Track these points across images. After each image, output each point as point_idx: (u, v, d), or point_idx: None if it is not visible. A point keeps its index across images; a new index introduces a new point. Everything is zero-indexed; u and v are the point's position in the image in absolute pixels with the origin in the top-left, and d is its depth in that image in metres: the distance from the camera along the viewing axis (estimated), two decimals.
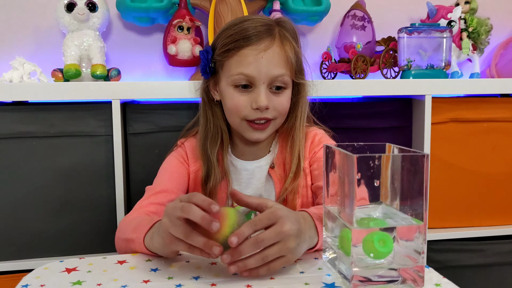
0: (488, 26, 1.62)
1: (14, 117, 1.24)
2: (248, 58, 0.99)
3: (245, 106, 1.02)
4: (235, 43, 1.00)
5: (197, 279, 0.73)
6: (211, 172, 1.08)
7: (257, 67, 0.99)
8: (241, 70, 1.00)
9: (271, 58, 1.00)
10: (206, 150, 1.09)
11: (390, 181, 0.72)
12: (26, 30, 1.55)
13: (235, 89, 1.03)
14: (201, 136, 1.11)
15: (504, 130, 1.46)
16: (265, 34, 1.00)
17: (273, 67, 1.00)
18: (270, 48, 1.00)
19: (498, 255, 1.46)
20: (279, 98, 1.03)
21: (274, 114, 1.04)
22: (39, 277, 0.74)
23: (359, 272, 0.70)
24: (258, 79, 1.00)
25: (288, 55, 1.02)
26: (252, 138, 1.06)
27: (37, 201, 1.27)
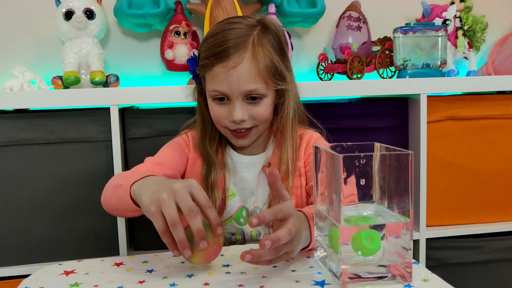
0: (483, 24, 1.62)
1: (15, 124, 1.27)
2: (219, 76, 1.02)
3: (224, 118, 1.06)
4: (208, 59, 1.02)
5: (191, 276, 0.75)
6: (211, 168, 1.12)
7: (228, 85, 1.01)
8: (214, 87, 1.03)
9: (241, 75, 1.01)
10: (206, 147, 1.12)
11: (378, 179, 0.74)
12: (26, 39, 1.57)
13: (214, 101, 1.06)
14: (199, 135, 1.15)
15: (501, 127, 1.47)
16: (236, 49, 1.00)
17: (243, 84, 1.01)
18: (240, 65, 1.00)
19: (496, 252, 1.46)
20: (256, 108, 1.05)
21: (253, 123, 1.06)
22: (38, 280, 0.76)
23: (348, 269, 0.72)
24: (231, 95, 1.03)
25: (259, 68, 1.01)
26: (237, 144, 1.11)
27: (38, 207, 1.29)
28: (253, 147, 1.15)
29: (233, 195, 1.13)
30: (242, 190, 1.13)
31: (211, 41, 1.03)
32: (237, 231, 1.14)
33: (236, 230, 1.14)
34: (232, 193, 1.14)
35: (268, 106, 1.07)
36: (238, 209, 1.13)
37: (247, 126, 1.06)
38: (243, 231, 1.13)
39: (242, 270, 0.78)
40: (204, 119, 1.14)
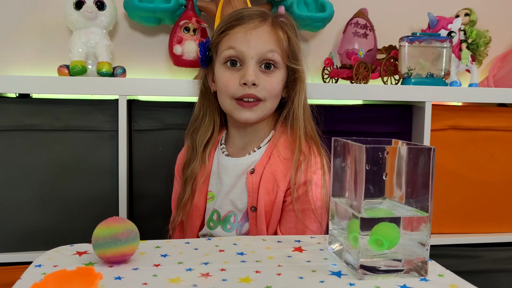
0: (487, 38, 1.65)
1: (21, 109, 1.26)
2: (237, 35, 1.04)
3: (234, 83, 1.04)
4: (229, 24, 1.05)
5: (207, 264, 0.75)
6: (192, 160, 1.11)
7: (246, 43, 1.03)
8: (230, 43, 1.04)
9: (261, 35, 1.04)
10: (195, 139, 1.12)
11: (396, 174, 0.74)
12: (33, 27, 1.56)
13: (225, 67, 1.06)
14: (193, 124, 1.15)
15: (502, 139, 1.49)
16: (257, 17, 1.05)
17: (262, 43, 1.03)
18: (260, 27, 1.04)
19: (493, 262, 1.48)
20: (268, 78, 1.05)
21: (264, 94, 1.04)
22: (51, 259, 0.75)
23: (365, 261, 0.72)
24: (246, 54, 1.03)
25: (279, 36, 1.05)
26: (242, 118, 1.06)
27: (41, 194, 1.28)
28: (249, 143, 1.11)
29: (212, 198, 1.11)
30: (219, 193, 1.10)
31: (230, 16, 1.07)
32: (207, 234, 1.11)
33: (206, 233, 1.11)
34: (212, 196, 1.11)
35: (279, 80, 1.07)
36: (211, 211, 1.11)
37: (256, 94, 1.03)
38: (212, 235, 1.10)
39: (257, 259, 0.78)
40: (201, 110, 1.14)
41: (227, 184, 1.09)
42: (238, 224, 1.07)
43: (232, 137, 1.14)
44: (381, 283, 0.69)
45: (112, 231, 0.73)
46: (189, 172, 1.10)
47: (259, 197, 1.04)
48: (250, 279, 0.69)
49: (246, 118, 1.05)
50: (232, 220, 1.08)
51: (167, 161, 1.33)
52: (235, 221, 1.08)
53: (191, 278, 0.69)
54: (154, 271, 0.72)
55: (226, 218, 1.09)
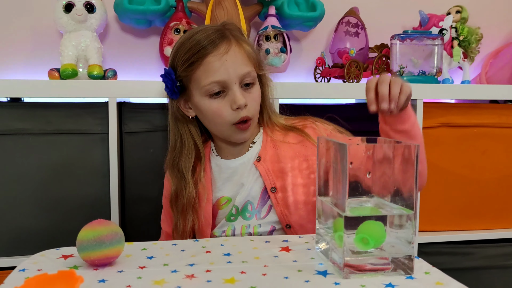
0: (478, 35, 1.65)
1: (11, 113, 1.26)
2: (214, 65, 1.01)
3: (226, 110, 1.04)
4: (196, 54, 1.02)
5: (192, 265, 0.75)
6: (183, 188, 1.09)
7: (225, 71, 1.01)
8: (211, 79, 1.02)
9: (235, 58, 1.03)
10: (180, 167, 1.10)
11: (382, 171, 0.74)
12: (23, 30, 1.56)
13: (210, 98, 1.04)
14: (174, 154, 1.12)
15: (494, 135, 1.49)
16: (220, 39, 1.03)
17: (239, 67, 1.03)
18: (231, 49, 1.03)
19: (486, 259, 1.48)
20: (251, 95, 1.06)
21: (252, 112, 1.06)
22: (36, 263, 0.75)
23: (351, 260, 0.72)
24: (229, 82, 1.02)
25: (247, 50, 1.06)
26: (240, 139, 1.09)
27: (32, 197, 1.27)
28: (241, 148, 1.13)
29: (228, 202, 1.12)
30: (236, 193, 1.11)
31: (190, 43, 1.03)
32: (228, 228, 1.11)
33: (227, 227, 1.11)
34: (228, 200, 1.12)
35: (259, 92, 1.09)
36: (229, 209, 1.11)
37: (248, 115, 1.05)
38: (234, 227, 1.11)
39: (243, 259, 0.78)
40: (181, 138, 1.12)
41: (238, 181, 1.11)
42: (256, 210, 1.09)
43: (223, 148, 1.14)
44: (366, 282, 0.69)
45: (96, 234, 0.73)
46: (184, 201, 1.09)
47: (277, 178, 1.07)
48: (235, 279, 0.69)
49: (243, 138, 1.09)
50: (249, 208, 1.09)
51: (159, 163, 1.32)
52: (252, 208, 1.09)
53: (176, 280, 0.69)
54: (138, 273, 0.72)
55: (244, 208, 1.10)
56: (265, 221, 1.08)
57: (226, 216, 1.11)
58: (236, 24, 1.12)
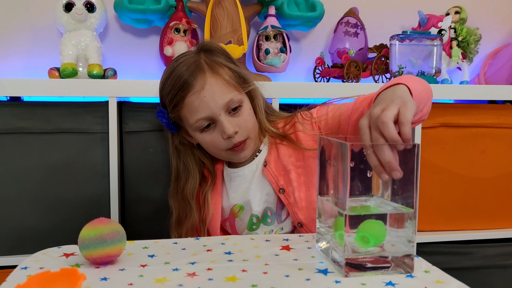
0: (477, 36, 1.66)
1: (11, 112, 1.26)
2: (194, 104, 1.03)
3: (218, 141, 1.06)
4: (177, 96, 1.04)
5: (194, 264, 0.75)
6: (188, 213, 1.13)
7: (206, 106, 1.03)
8: (196, 117, 1.04)
9: (212, 92, 1.03)
10: (185, 195, 1.13)
11: None
12: (23, 29, 1.56)
13: (202, 132, 1.07)
14: (177, 184, 1.15)
15: (492, 135, 1.49)
16: (196, 72, 1.03)
17: (219, 98, 1.03)
18: (206, 83, 1.03)
19: (485, 258, 1.48)
20: (241, 117, 1.07)
21: (246, 133, 1.07)
22: (38, 261, 0.75)
23: (351, 259, 0.72)
24: (214, 115, 1.04)
25: (224, 78, 1.05)
26: (240, 159, 1.11)
27: (31, 197, 1.27)
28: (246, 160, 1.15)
29: (242, 209, 1.14)
30: (247, 200, 1.13)
31: (169, 83, 1.06)
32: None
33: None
34: (241, 207, 1.14)
35: (249, 111, 1.09)
36: (249, 218, 1.14)
37: (241, 139, 1.06)
38: (257, 233, 1.13)
39: (244, 258, 0.78)
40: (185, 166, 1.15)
41: (248, 188, 1.13)
42: (276, 215, 1.12)
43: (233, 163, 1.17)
44: (367, 280, 0.70)
45: (98, 232, 0.73)
46: (189, 225, 1.13)
47: (282, 179, 1.09)
48: (237, 278, 0.70)
49: (244, 157, 1.10)
50: (269, 214, 1.12)
51: (159, 162, 1.33)
52: (272, 213, 1.11)
53: (177, 278, 0.69)
54: (140, 271, 0.72)
55: (264, 215, 1.12)
56: (286, 223, 1.11)
57: (247, 225, 1.14)
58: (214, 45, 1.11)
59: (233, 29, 1.47)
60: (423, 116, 0.91)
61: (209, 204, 1.13)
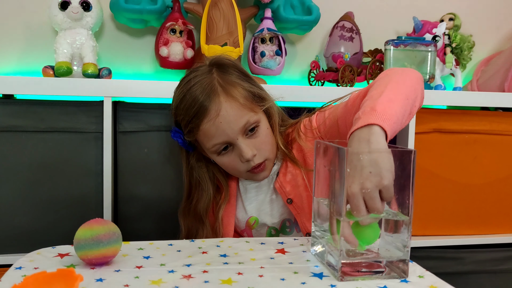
0: (470, 43, 1.67)
1: (4, 110, 1.24)
2: (210, 131, 1.01)
3: (237, 163, 1.05)
4: (192, 123, 1.02)
5: (189, 266, 0.75)
6: (201, 230, 1.12)
7: (223, 132, 1.01)
8: (212, 142, 1.03)
9: (228, 117, 1.00)
10: (198, 212, 1.13)
11: None
12: (17, 27, 1.55)
13: (219, 155, 1.06)
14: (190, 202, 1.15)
15: (484, 142, 1.50)
16: (209, 99, 1.00)
17: (234, 124, 1.01)
18: (222, 109, 1.00)
19: (476, 264, 1.49)
20: (258, 139, 1.05)
21: (265, 155, 1.06)
22: (32, 261, 0.75)
23: (347, 263, 0.73)
24: (231, 139, 1.02)
25: (239, 101, 1.02)
26: (259, 179, 1.10)
27: (24, 195, 1.26)
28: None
29: (256, 222, 1.15)
30: (261, 212, 1.14)
31: (183, 107, 1.04)
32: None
33: None
34: (255, 220, 1.15)
35: (266, 130, 1.07)
36: (267, 230, 1.15)
37: (260, 161, 1.05)
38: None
39: (239, 260, 0.78)
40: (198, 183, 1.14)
41: (265, 200, 1.14)
42: (294, 224, 1.13)
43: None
44: (362, 285, 0.70)
45: (94, 233, 0.73)
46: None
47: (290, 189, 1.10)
48: (232, 280, 0.70)
49: (263, 177, 1.10)
50: (287, 224, 1.13)
51: (153, 163, 1.33)
52: (290, 223, 1.13)
53: (173, 280, 0.69)
54: (136, 273, 0.72)
55: (283, 226, 1.14)
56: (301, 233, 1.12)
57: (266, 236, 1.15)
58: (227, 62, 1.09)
59: (229, 31, 1.47)
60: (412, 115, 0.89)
61: (221, 220, 1.13)
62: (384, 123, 0.77)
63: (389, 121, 0.78)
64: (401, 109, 0.82)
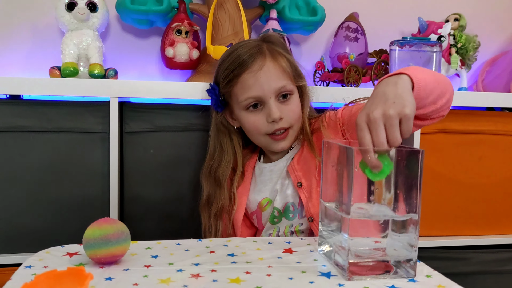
0: (476, 43, 1.67)
1: (12, 111, 1.25)
2: (248, 81, 1.07)
3: (262, 123, 1.10)
4: (233, 72, 1.09)
5: (197, 265, 0.75)
6: (218, 195, 1.16)
7: (260, 86, 1.07)
8: (247, 94, 1.08)
9: (269, 74, 1.07)
10: (217, 176, 1.17)
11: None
12: (25, 27, 1.56)
13: (248, 111, 1.11)
14: (212, 163, 1.19)
15: (490, 142, 1.50)
16: (256, 55, 1.08)
17: (273, 82, 1.07)
18: (264, 66, 1.07)
19: (482, 264, 1.49)
20: (288, 106, 1.10)
21: (290, 122, 1.10)
22: (41, 260, 0.75)
23: (354, 263, 0.73)
24: (264, 96, 1.08)
25: (282, 66, 1.09)
26: (277, 148, 1.13)
27: (31, 195, 1.27)
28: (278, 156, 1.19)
29: (269, 202, 1.17)
30: (274, 194, 1.16)
31: (228, 60, 1.10)
32: (273, 231, 1.17)
33: (272, 229, 1.17)
34: (268, 201, 1.17)
35: (297, 103, 1.13)
36: (271, 211, 1.16)
37: (285, 126, 1.09)
38: (279, 228, 1.16)
39: (247, 260, 0.79)
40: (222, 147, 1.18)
41: (275, 183, 1.17)
42: (298, 210, 1.14)
43: (267, 153, 1.21)
44: (369, 284, 0.70)
45: (103, 232, 0.74)
46: (218, 207, 1.17)
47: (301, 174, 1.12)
48: (241, 279, 0.70)
49: (281, 147, 1.13)
50: (291, 208, 1.14)
51: (159, 163, 1.33)
52: (294, 208, 1.14)
53: (182, 279, 0.70)
54: (144, 272, 0.72)
55: (286, 209, 1.15)
56: (305, 219, 1.13)
57: (269, 218, 1.17)
58: (276, 37, 1.16)
59: (235, 32, 1.48)
60: (438, 109, 0.88)
61: (235, 196, 1.17)
62: (413, 77, 0.80)
63: (417, 78, 0.80)
64: (431, 82, 0.83)
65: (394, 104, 0.74)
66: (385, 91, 0.77)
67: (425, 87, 0.81)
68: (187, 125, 1.33)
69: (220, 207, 1.16)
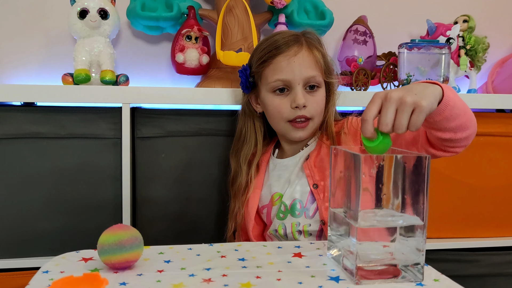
0: (485, 44, 1.67)
1: (26, 117, 1.28)
2: (281, 64, 1.11)
3: (285, 107, 1.12)
4: (269, 53, 1.12)
5: (209, 270, 0.77)
6: (238, 175, 1.22)
7: (291, 71, 1.10)
8: (277, 76, 1.11)
9: (302, 61, 1.11)
10: (239, 156, 1.22)
11: (393, 181, 0.76)
12: (37, 36, 1.59)
13: (274, 94, 1.14)
14: (237, 144, 1.24)
15: (499, 144, 1.50)
16: (293, 42, 1.12)
17: (304, 69, 1.10)
18: (300, 53, 1.11)
19: (492, 266, 1.49)
20: (314, 98, 1.13)
21: (312, 113, 1.13)
22: (58, 265, 0.77)
23: (363, 267, 0.74)
24: (293, 81, 1.11)
25: (316, 58, 1.13)
26: (295, 137, 1.15)
27: (45, 200, 1.30)
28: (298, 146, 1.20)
29: (280, 197, 1.18)
30: (284, 188, 1.18)
31: (266, 44, 1.14)
32: (279, 226, 1.17)
33: (278, 225, 1.18)
34: (280, 196, 1.18)
35: (323, 97, 1.16)
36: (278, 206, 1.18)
37: (306, 115, 1.12)
38: (284, 225, 1.17)
39: (258, 264, 0.80)
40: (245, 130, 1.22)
41: (287, 178, 1.18)
42: (304, 208, 1.15)
43: (283, 146, 1.23)
44: None
45: (117, 238, 0.75)
46: (236, 186, 1.22)
47: (318, 175, 1.13)
48: (251, 284, 0.72)
49: (299, 136, 1.15)
50: (298, 206, 1.15)
51: (170, 167, 1.35)
52: (301, 206, 1.15)
53: (194, 284, 0.71)
54: (157, 276, 0.74)
55: (292, 206, 1.16)
56: (313, 220, 1.14)
57: (276, 214, 1.18)
58: (314, 34, 1.18)
59: (244, 37, 1.49)
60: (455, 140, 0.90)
61: (252, 181, 1.20)
62: (445, 92, 0.82)
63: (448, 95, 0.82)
64: (460, 108, 0.84)
65: (415, 95, 0.76)
66: (412, 87, 0.80)
67: (452, 107, 0.82)
68: (198, 130, 1.35)
69: (238, 187, 1.21)
